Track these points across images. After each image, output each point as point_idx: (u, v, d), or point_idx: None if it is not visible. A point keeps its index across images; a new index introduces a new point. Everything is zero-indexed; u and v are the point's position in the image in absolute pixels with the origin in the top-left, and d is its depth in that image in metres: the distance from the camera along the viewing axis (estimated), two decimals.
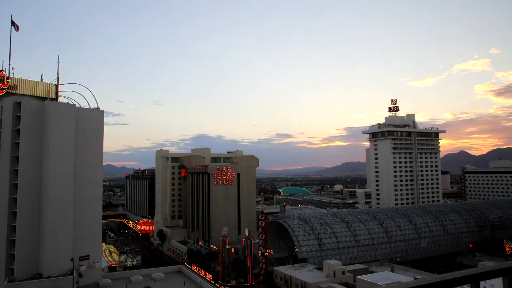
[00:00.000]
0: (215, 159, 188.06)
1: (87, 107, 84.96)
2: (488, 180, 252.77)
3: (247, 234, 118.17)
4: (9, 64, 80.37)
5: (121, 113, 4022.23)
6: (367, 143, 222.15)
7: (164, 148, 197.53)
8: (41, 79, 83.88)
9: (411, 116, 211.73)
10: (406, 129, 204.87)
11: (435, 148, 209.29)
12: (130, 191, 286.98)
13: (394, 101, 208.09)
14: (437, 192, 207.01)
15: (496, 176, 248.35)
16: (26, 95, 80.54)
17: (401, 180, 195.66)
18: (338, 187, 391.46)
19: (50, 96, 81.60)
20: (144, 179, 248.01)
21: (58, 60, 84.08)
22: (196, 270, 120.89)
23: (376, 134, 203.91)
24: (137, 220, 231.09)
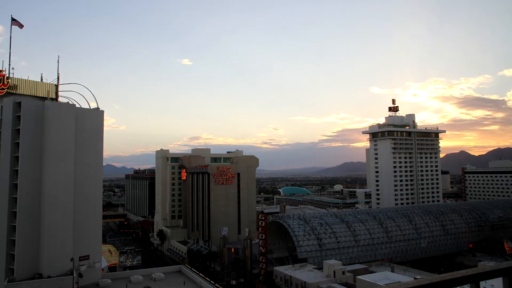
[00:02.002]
0: (215, 159, 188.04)
1: (87, 107, 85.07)
2: (488, 180, 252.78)
3: (247, 234, 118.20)
4: (9, 64, 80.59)
5: (121, 114, 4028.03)
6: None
7: (163, 148, 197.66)
8: (41, 79, 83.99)
9: (411, 116, 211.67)
10: (406, 129, 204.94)
11: (435, 148, 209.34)
12: (130, 191, 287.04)
13: (394, 101, 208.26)
14: (437, 192, 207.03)
15: (496, 176, 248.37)
16: (26, 95, 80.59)
17: (401, 180, 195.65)
18: (338, 187, 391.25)
19: (50, 96, 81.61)
20: (144, 179, 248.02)
21: (58, 60, 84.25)
22: (196, 270, 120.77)
23: (376, 134, 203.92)
24: (137, 220, 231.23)
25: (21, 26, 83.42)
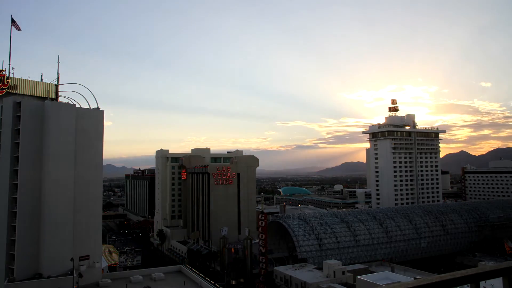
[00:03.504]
0: (215, 159, 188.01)
1: (87, 107, 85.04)
2: (488, 180, 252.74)
3: (247, 234, 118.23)
4: (9, 64, 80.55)
5: (121, 114, 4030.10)
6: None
7: (163, 148, 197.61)
8: (41, 79, 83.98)
9: (411, 116, 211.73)
10: (406, 129, 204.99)
11: (435, 148, 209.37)
12: (130, 191, 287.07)
13: (394, 101, 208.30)
14: (437, 192, 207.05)
15: (496, 176, 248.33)
16: (26, 95, 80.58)
17: (401, 180, 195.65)
18: (338, 187, 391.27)
19: (50, 96, 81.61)
20: (144, 179, 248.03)
21: (58, 60, 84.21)
22: (196, 270, 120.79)
23: (376, 134, 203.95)
24: (137, 220, 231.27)
25: (18, 29, 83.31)
